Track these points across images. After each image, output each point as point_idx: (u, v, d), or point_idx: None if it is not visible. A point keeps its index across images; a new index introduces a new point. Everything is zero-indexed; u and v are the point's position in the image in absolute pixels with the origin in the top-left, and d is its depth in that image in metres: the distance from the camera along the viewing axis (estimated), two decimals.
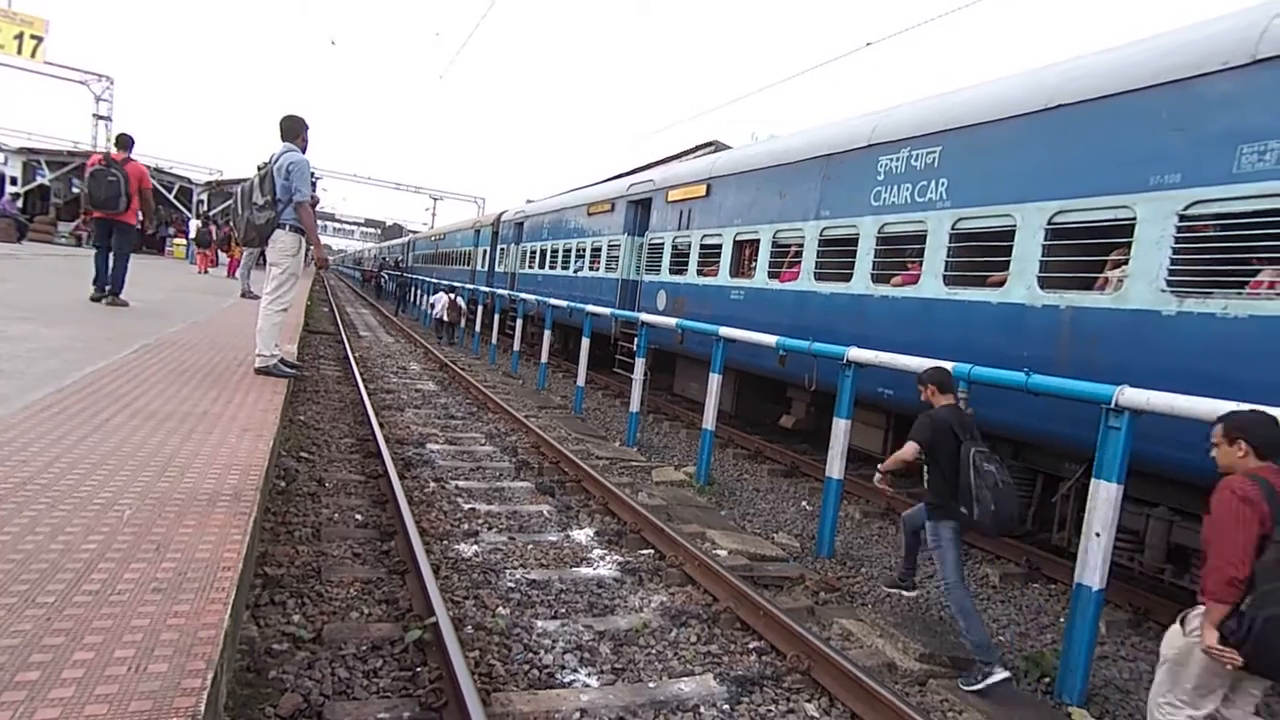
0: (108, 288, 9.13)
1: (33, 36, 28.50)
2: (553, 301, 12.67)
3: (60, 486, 3.13)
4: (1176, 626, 2.90)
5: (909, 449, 4.13)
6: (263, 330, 6.41)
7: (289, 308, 6.67)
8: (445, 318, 18.19)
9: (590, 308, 11.05)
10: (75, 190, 29.53)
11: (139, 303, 9.86)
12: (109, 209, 8.81)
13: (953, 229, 6.18)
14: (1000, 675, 3.75)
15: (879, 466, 4.48)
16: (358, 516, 5.08)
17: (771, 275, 8.56)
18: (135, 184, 8.88)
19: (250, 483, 3.56)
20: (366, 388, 9.55)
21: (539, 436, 8.00)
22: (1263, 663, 2.60)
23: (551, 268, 16.54)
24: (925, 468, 4.15)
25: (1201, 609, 2.74)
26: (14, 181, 26.66)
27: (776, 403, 9.39)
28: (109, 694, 1.83)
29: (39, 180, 27.57)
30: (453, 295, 18.44)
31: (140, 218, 9.44)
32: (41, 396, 4.42)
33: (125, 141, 9.23)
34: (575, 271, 14.92)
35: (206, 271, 20.38)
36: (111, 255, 9.09)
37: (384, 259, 47.56)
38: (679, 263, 10.76)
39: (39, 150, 28.84)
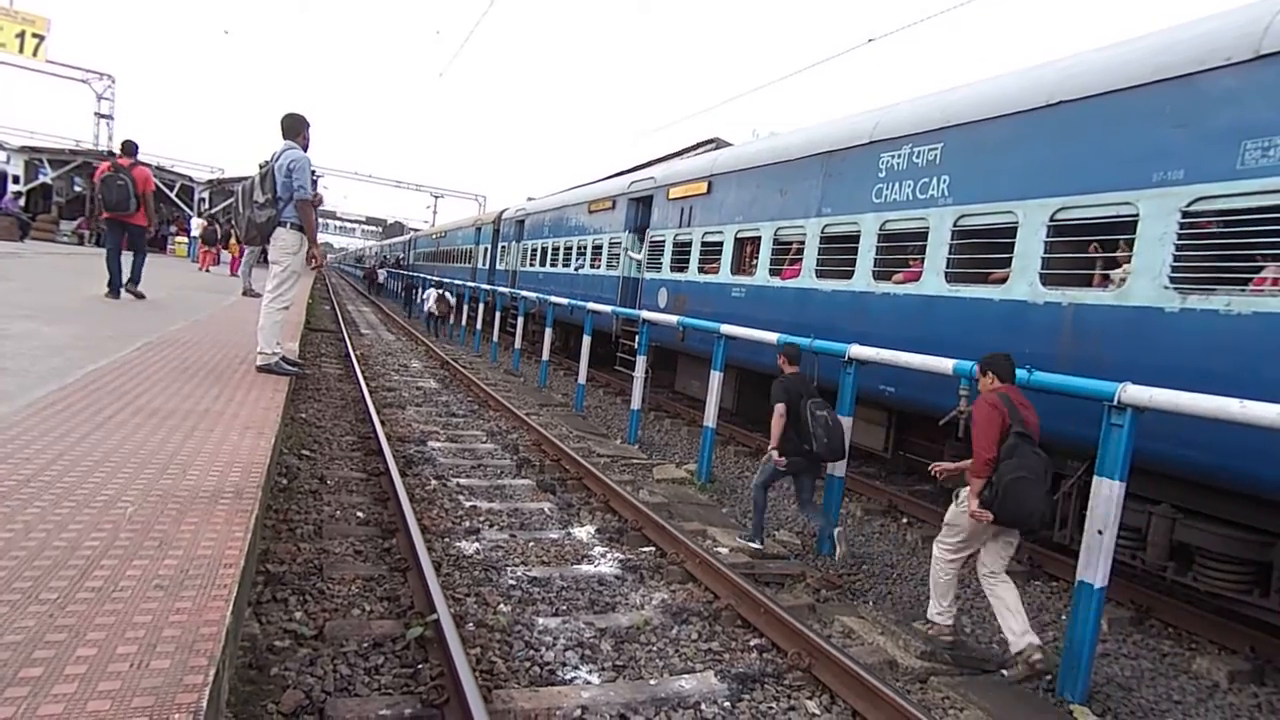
0: (126, 281, 9.72)
1: (34, 35, 28.51)
2: (554, 299, 12.67)
3: (63, 484, 3.13)
4: (954, 503, 4.17)
5: (778, 409, 5.38)
6: (264, 328, 6.41)
7: (290, 305, 6.68)
8: (435, 311, 19.86)
9: (591, 305, 11.05)
10: (77, 189, 29.57)
11: (141, 301, 9.89)
12: (120, 211, 9.44)
13: (954, 226, 6.17)
14: (756, 545, 5.47)
15: (771, 448, 5.41)
16: (359, 514, 5.09)
17: (773, 272, 8.55)
18: (141, 187, 9.48)
19: (252, 480, 3.57)
20: (368, 385, 9.56)
21: (540, 434, 8.00)
22: (1005, 515, 3.82)
23: (553, 265, 16.54)
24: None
25: (968, 489, 3.97)
26: (16, 180, 26.69)
27: None
28: (112, 690, 1.83)
29: (41, 179, 27.60)
30: (442, 291, 20.23)
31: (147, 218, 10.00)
32: (44, 394, 4.43)
33: (130, 148, 9.82)
34: (576, 269, 14.92)
35: (208, 270, 20.40)
36: (131, 254, 9.84)
37: (385, 257, 47.62)
38: (680, 260, 10.75)
39: (41, 149, 28.88)
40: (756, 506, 5.63)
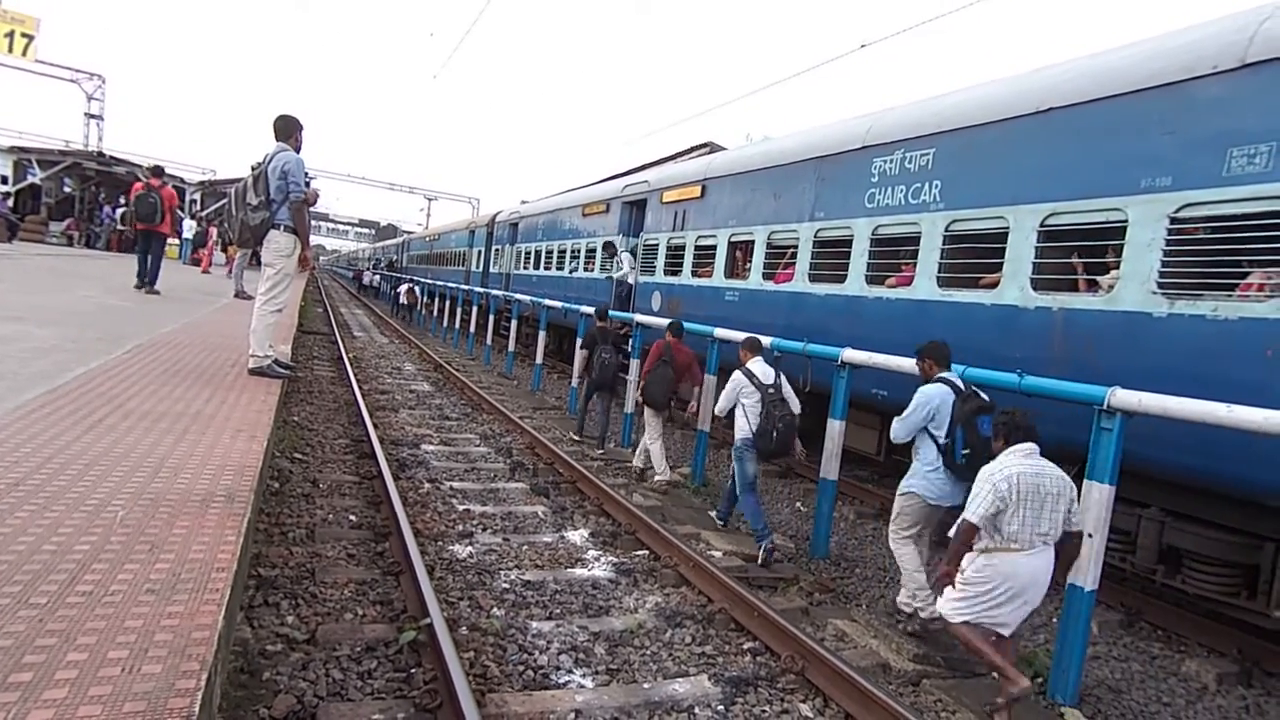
0: (146, 280, 11.59)
1: (24, 35, 28.32)
2: (547, 302, 12.66)
3: (53, 487, 3.11)
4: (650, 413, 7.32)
5: (582, 353, 8.63)
6: (257, 331, 6.38)
7: (283, 308, 6.64)
8: (405, 301, 24.84)
9: (585, 308, 11.04)
10: (67, 190, 29.35)
11: (132, 302, 9.84)
12: (148, 222, 11.54)
13: (946, 231, 6.21)
14: (597, 453, 8.18)
15: (576, 373, 9.02)
16: (352, 517, 5.07)
17: (766, 276, 8.58)
18: (168, 203, 11.63)
19: (244, 484, 3.56)
20: (361, 388, 9.53)
21: (534, 437, 8.00)
22: (647, 400, 7.19)
23: (546, 268, 16.53)
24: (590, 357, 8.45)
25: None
26: (4, 180, 26.45)
27: None
28: (102, 695, 1.83)
29: (30, 179, 27.33)
30: (410, 286, 25.04)
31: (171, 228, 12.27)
32: (34, 397, 4.40)
33: (159, 171, 12.40)
34: (570, 272, 14.92)
35: (209, 271, 20.26)
36: (150, 257, 11.68)
37: (377, 260, 47.53)
38: (674, 263, 10.77)
39: (30, 149, 28.56)
40: (582, 416, 8.85)
